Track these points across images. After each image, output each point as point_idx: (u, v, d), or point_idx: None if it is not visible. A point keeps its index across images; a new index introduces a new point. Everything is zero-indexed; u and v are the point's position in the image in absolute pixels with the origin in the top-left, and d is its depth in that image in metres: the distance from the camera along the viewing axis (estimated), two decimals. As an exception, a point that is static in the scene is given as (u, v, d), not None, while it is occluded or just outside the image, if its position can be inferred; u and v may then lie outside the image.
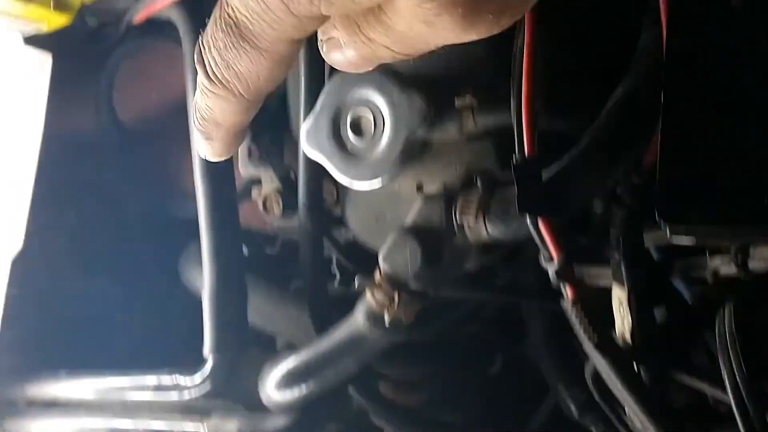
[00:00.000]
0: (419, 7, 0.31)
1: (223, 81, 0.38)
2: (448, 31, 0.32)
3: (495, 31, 0.31)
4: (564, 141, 0.53)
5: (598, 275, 0.55)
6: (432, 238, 0.56)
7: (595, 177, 0.50)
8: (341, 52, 0.36)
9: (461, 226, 0.56)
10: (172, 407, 0.70)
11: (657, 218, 0.44)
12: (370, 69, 0.36)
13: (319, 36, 0.36)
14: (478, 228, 0.55)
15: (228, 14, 0.35)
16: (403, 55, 0.35)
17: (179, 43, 0.68)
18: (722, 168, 0.46)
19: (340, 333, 0.62)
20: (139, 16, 0.69)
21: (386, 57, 0.35)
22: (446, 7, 0.30)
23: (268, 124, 0.72)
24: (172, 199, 0.84)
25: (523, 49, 0.51)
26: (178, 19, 0.66)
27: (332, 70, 0.62)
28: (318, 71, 0.63)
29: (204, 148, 0.43)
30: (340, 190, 0.68)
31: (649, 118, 0.48)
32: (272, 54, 0.36)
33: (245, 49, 0.35)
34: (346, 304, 0.66)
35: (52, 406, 0.76)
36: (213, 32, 0.36)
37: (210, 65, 0.37)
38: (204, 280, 0.67)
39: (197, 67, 0.38)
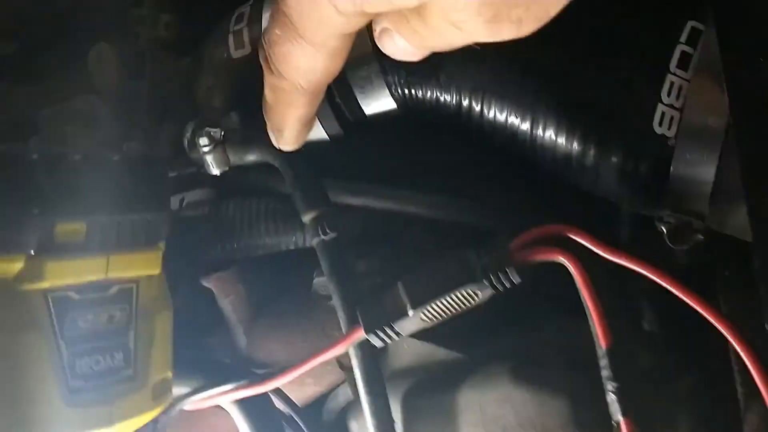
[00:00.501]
0: (446, 16, 0.34)
1: (284, 74, 0.41)
2: (476, 35, 0.35)
3: (521, 35, 0.35)
4: None
5: None
6: None
7: None
8: (393, 42, 0.38)
9: None
10: None
11: None
12: (423, 57, 0.39)
13: (374, 26, 0.39)
14: None
15: (283, 13, 0.37)
16: (449, 47, 0.37)
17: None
18: None
19: None
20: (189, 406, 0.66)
21: (437, 47, 0.37)
22: (470, 17, 0.33)
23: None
24: None
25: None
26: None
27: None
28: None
29: (276, 139, 0.48)
30: None
31: None
32: (326, 48, 0.39)
33: (301, 44, 0.38)
34: None
35: None
36: (272, 30, 0.39)
37: (271, 60, 0.41)
38: None
39: (262, 63, 0.42)
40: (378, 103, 0.64)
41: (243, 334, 0.70)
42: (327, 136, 0.65)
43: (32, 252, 0.48)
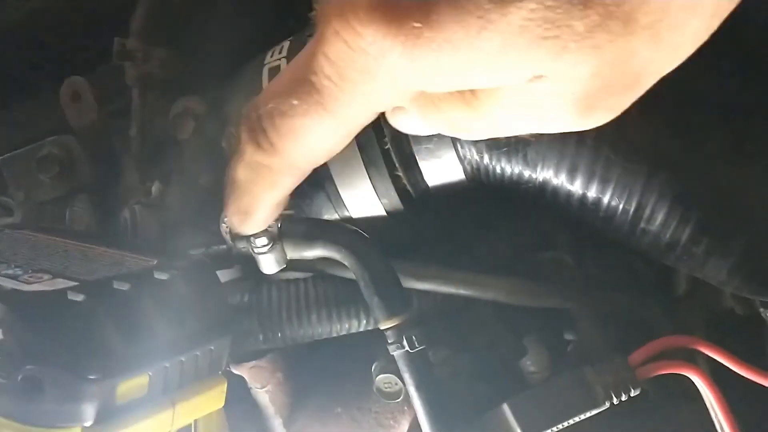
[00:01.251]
0: (523, 108, 0.29)
1: (281, 151, 0.33)
2: (559, 124, 0.30)
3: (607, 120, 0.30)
4: None
5: None
6: None
7: None
8: (408, 118, 0.34)
9: None
10: None
11: None
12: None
13: None
14: None
15: (312, 80, 0.30)
16: (489, 135, 0.32)
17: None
18: None
19: None
20: None
21: (464, 132, 0.32)
22: (560, 111, 0.28)
23: None
24: None
25: None
26: None
27: None
28: None
29: (238, 223, 0.39)
30: None
31: None
32: (352, 126, 0.32)
33: (322, 118, 0.31)
34: None
35: None
36: (284, 98, 0.31)
37: (267, 135, 0.32)
38: None
39: (244, 135, 0.33)
40: (444, 175, 0.56)
41: (282, 426, 0.62)
42: (385, 213, 0.57)
43: (90, 423, 0.39)
